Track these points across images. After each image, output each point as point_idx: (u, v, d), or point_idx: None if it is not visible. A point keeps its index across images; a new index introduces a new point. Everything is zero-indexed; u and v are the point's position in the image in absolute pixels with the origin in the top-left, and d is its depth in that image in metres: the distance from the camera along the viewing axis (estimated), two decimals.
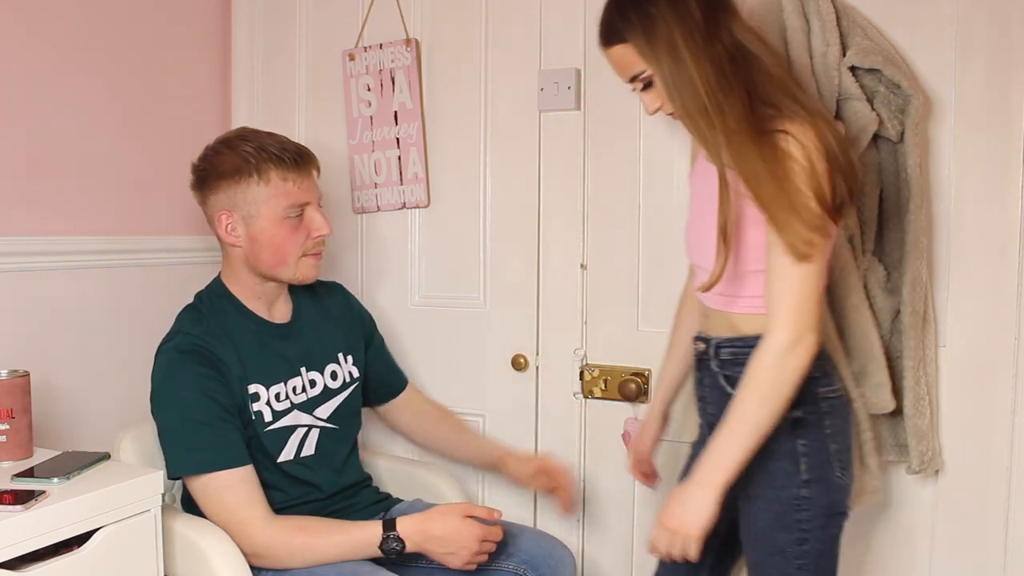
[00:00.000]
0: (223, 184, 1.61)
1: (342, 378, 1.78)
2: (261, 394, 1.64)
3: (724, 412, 1.34)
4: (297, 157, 1.62)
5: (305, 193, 1.63)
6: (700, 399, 1.47)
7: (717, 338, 1.41)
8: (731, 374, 1.38)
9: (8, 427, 1.50)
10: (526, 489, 1.94)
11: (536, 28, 1.93)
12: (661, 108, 1.37)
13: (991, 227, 1.58)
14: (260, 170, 1.58)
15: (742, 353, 1.35)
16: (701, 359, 1.45)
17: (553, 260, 1.95)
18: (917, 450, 1.56)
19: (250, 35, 2.27)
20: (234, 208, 1.61)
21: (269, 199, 1.59)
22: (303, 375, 1.71)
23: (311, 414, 1.71)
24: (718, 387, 1.41)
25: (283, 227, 1.61)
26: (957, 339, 1.62)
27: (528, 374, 1.99)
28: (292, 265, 1.64)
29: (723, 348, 1.41)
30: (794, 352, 1.25)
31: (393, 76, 2.07)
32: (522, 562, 1.64)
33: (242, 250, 1.64)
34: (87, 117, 1.93)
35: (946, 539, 1.65)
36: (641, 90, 1.37)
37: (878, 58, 1.51)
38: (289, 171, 1.60)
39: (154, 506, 1.47)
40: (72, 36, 1.89)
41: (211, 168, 1.63)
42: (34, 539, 1.29)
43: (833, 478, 1.35)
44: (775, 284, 1.28)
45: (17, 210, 1.79)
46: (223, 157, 1.61)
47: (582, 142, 1.90)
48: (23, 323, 1.79)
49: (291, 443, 1.66)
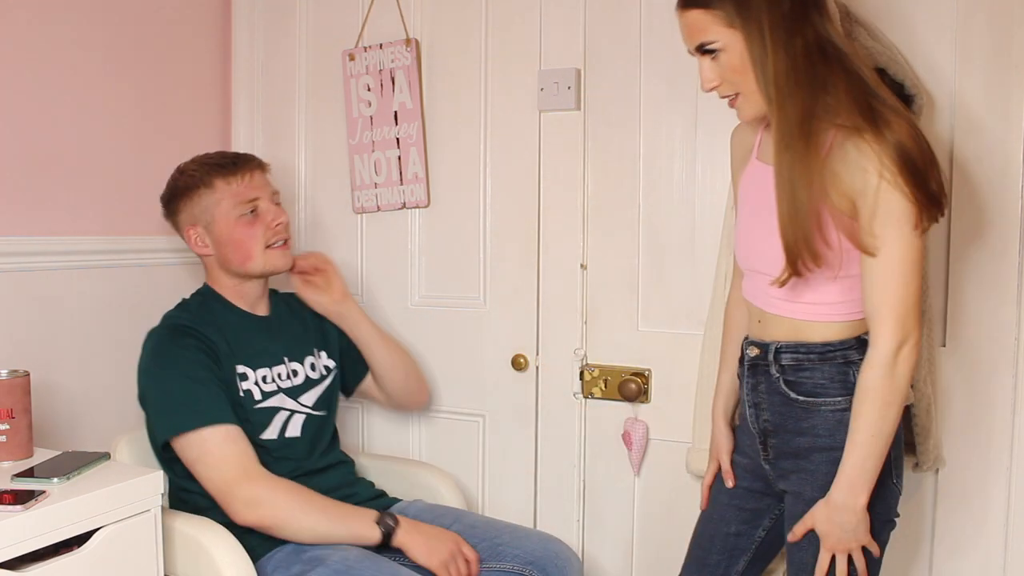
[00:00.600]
0: (181, 203, 1.76)
1: (320, 369, 1.86)
2: (249, 375, 1.72)
3: (783, 418, 1.36)
4: (235, 160, 1.77)
5: (251, 190, 1.74)
6: (753, 405, 1.42)
7: (776, 343, 1.37)
8: (793, 379, 1.36)
9: (8, 427, 1.50)
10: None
11: (536, 28, 1.93)
12: (718, 87, 1.33)
13: (991, 227, 1.58)
14: (204, 180, 1.73)
15: (806, 359, 1.34)
16: (756, 365, 1.41)
17: (553, 260, 1.95)
18: (921, 448, 1.56)
19: (250, 35, 2.27)
20: (196, 221, 1.75)
21: (219, 203, 1.73)
22: (286, 364, 1.80)
23: (296, 400, 1.78)
24: (778, 393, 1.37)
25: (239, 225, 1.73)
26: (957, 339, 1.62)
27: (528, 374, 1.99)
28: (259, 258, 1.75)
29: (784, 353, 1.36)
30: (901, 355, 1.25)
31: (393, 76, 2.07)
32: (528, 563, 1.66)
33: (213, 256, 1.77)
34: (87, 117, 1.93)
35: (946, 538, 1.65)
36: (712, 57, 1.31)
37: (882, 57, 1.51)
38: (230, 174, 1.74)
39: (154, 506, 1.47)
40: (72, 36, 1.89)
41: (170, 194, 1.79)
42: (34, 539, 1.29)
43: (890, 484, 1.34)
44: (872, 291, 1.26)
45: (17, 210, 1.79)
46: (178, 181, 1.78)
47: (582, 142, 1.90)
48: (23, 323, 1.79)
49: (276, 423, 1.73)
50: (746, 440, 1.48)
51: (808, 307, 1.34)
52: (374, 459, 2.07)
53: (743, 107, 1.34)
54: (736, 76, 1.30)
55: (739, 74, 1.30)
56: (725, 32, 1.28)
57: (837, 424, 1.32)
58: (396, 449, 2.15)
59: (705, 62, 1.32)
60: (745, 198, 1.43)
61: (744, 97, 1.32)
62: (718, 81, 1.33)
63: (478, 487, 2.07)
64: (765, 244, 1.33)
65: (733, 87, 1.32)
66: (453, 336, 2.08)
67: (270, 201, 1.77)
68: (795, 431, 1.36)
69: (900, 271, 1.24)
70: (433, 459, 2.12)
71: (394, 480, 1.98)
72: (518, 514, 2.00)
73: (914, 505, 1.68)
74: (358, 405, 2.21)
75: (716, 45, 1.30)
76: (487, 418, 2.05)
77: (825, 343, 1.33)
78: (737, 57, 1.29)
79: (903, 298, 1.24)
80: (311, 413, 1.80)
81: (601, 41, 1.87)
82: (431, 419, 2.13)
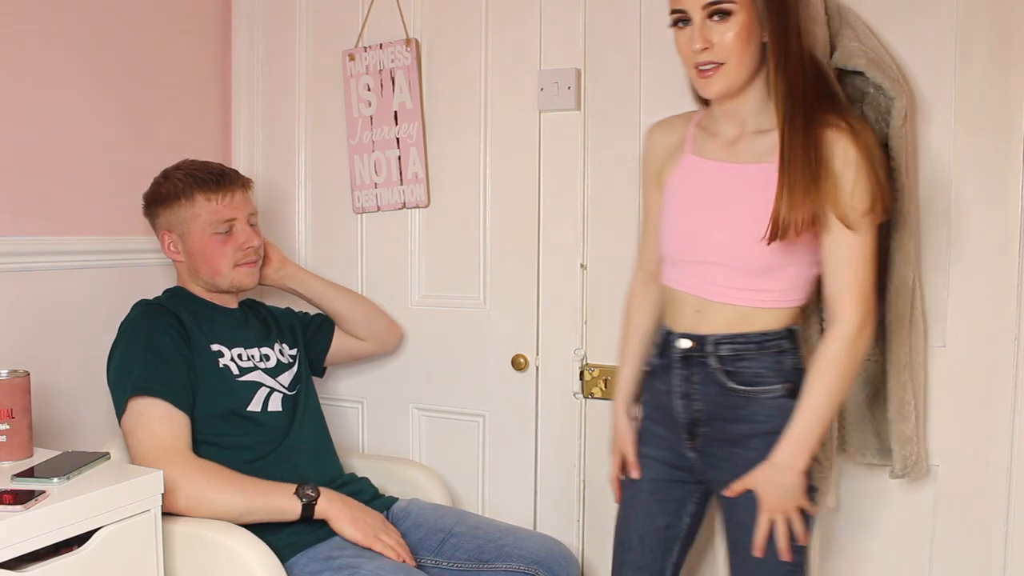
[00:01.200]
0: (161, 210, 1.80)
1: (287, 356, 1.90)
2: (224, 352, 1.76)
3: (718, 407, 1.42)
4: (220, 178, 1.79)
5: (230, 210, 1.78)
6: (684, 396, 1.46)
7: (714, 335, 1.42)
8: (732, 369, 1.41)
9: (8, 427, 1.50)
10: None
11: (536, 28, 1.93)
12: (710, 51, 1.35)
13: (991, 227, 1.58)
14: (187, 194, 1.76)
15: (744, 350, 1.40)
16: (690, 357, 1.45)
17: (553, 260, 1.95)
18: (900, 455, 1.56)
19: (250, 35, 2.27)
20: (171, 228, 1.79)
21: (197, 217, 1.76)
22: (259, 348, 1.84)
23: (275, 380, 1.82)
24: (715, 383, 1.43)
25: (212, 241, 1.77)
26: (957, 339, 1.62)
27: (528, 374, 1.99)
28: (227, 274, 1.80)
29: (722, 345, 1.42)
30: (864, 332, 1.36)
31: (393, 76, 2.07)
32: (534, 563, 1.66)
33: (184, 264, 1.82)
34: (87, 117, 1.93)
35: (946, 540, 1.65)
36: (718, 18, 1.34)
37: (861, 60, 1.49)
38: (212, 192, 1.77)
39: (154, 506, 1.47)
40: (72, 36, 1.89)
41: (152, 197, 1.82)
42: (34, 539, 1.29)
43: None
44: (839, 271, 1.35)
45: (17, 210, 1.80)
46: (161, 186, 1.80)
47: (582, 142, 1.90)
48: (23, 323, 1.79)
49: (258, 397, 1.76)
50: (660, 432, 1.52)
51: (759, 293, 1.40)
52: (362, 458, 2.07)
53: (719, 80, 1.37)
54: (737, 43, 1.34)
55: (741, 41, 1.34)
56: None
57: (776, 411, 1.40)
58: (396, 449, 2.15)
59: (709, 23, 1.35)
60: (684, 192, 1.47)
61: (726, 69, 1.36)
62: (714, 45, 1.35)
63: (478, 487, 2.07)
64: (723, 234, 1.39)
65: (724, 55, 1.35)
66: (453, 336, 2.08)
67: (246, 222, 1.81)
68: (731, 419, 1.42)
69: (866, 254, 1.35)
70: (433, 459, 2.12)
71: (380, 477, 1.96)
72: (518, 514, 2.00)
73: (913, 507, 1.68)
74: (357, 405, 2.21)
75: (733, 7, 1.33)
76: (487, 418, 2.05)
77: (763, 332, 1.40)
78: (745, 25, 1.34)
79: (867, 279, 1.35)
80: (287, 393, 1.82)
81: (601, 41, 1.87)
82: (431, 419, 2.13)
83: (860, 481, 1.71)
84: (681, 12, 1.37)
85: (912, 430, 1.57)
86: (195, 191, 1.76)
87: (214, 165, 1.82)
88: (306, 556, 1.60)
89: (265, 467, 1.69)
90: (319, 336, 2.02)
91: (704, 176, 1.44)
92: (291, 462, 1.73)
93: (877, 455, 1.61)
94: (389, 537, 1.65)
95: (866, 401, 1.61)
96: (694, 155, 1.47)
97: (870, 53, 1.52)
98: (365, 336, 2.03)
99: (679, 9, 1.37)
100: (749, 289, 1.40)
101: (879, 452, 1.61)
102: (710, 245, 1.42)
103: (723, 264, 1.40)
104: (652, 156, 1.57)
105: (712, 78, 1.37)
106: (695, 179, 1.46)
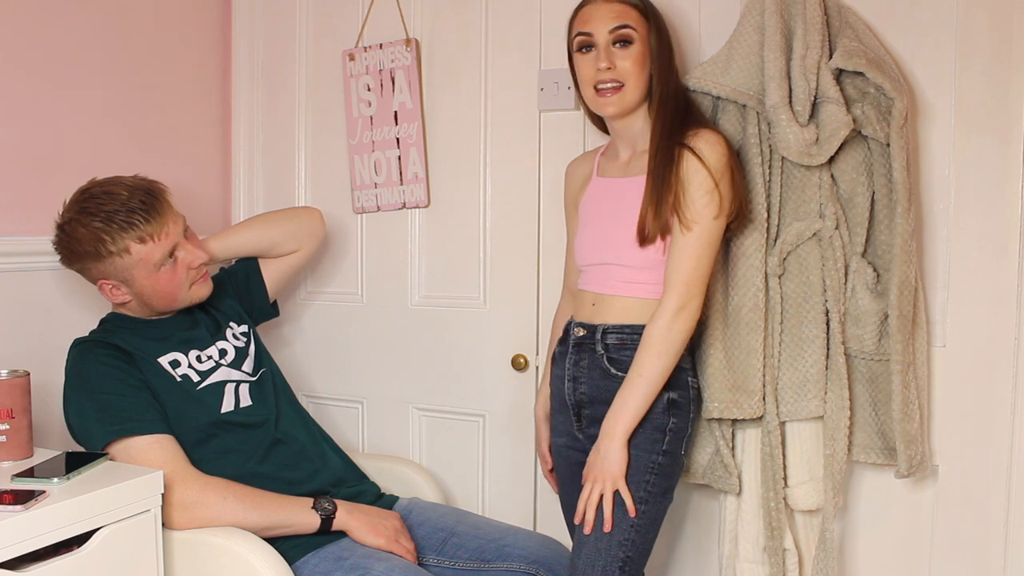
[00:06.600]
0: (89, 263, 1.62)
1: (240, 339, 1.84)
2: (181, 360, 1.70)
3: (599, 390, 1.56)
4: (145, 211, 1.60)
5: (168, 241, 1.63)
6: (572, 379, 1.61)
7: (604, 325, 1.57)
8: (615, 356, 1.56)
9: (8, 427, 1.50)
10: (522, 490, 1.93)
11: (536, 28, 1.93)
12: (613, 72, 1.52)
13: (991, 227, 1.58)
14: (116, 244, 1.58)
15: (629, 339, 1.55)
16: (582, 343, 1.60)
17: (553, 260, 1.95)
18: (905, 455, 1.55)
19: (250, 35, 2.27)
20: (109, 277, 1.63)
21: (137, 264, 1.61)
22: (215, 344, 1.77)
23: (239, 370, 1.77)
24: (599, 367, 1.57)
25: (161, 276, 1.64)
26: (957, 339, 1.62)
27: (528, 374, 1.99)
28: (184, 297, 1.71)
29: (610, 334, 1.57)
30: (681, 315, 1.49)
31: (393, 76, 2.07)
32: (534, 562, 1.66)
33: (133, 302, 1.69)
34: (87, 117, 1.93)
35: (946, 539, 1.65)
36: (620, 46, 1.52)
37: (862, 60, 1.50)
38: (143, 231, 1.59)
39: (154, 506, 1.47)
40: (72, 36, 1.89)
41: (71, 251, 1.63)
42: (34, 539, 1.29)
43: (679, 456, 1.55)
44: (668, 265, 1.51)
45: (17, 210, 1.80)
46: (77, 236, 1.60)
47: (582, 142, 1.90)
48: (23, 323, 1.79)
49: (227, 395, 1.71)
50: (560, 419, 1.66)
51: (646, 286, 1.55)
52: (361, 457, 2.06)
53: (617, 101, 1.54)
54: (635, 67, 1.53)
55: (638, 65, 1.53)
56: (642, 23, 1.53)
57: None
58: (395, 449, 2.15)
59: (612, 49, 1.53)
60: (591, 209, 1.64)
61: (624, 91, 1.54)
62: (617, 67, 1.52)
63: (478, 487, 2.07)
64: (615, 232, 1.56)
65: (624, 77, 1.53)
66: (453, 336, 2.08)
67: (184, 242, 1.67)
68: (607, 401, 1.53)
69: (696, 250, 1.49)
70: (433, 459, 2.12)
71: (378, 477, 1.95)
72: (518, 514, 2.00)
73: (913, 507, 1.68)
74: (357, 405, 2.21)
75: (633, 34, 1.52)
76: (487, 418, 2.05)
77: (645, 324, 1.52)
78: (642, 54, 1.53)
79: (694, 271, 1.49)
80: (252, 380, 1.77)
81: None
82: (431, 419, 2.13)
83: (860, 481, 1.71)
84: (587, 35, 1.54)
85: (917, 430, 1.57)
86: (125, 240, 1.58)
87: (129, 195, 1.61)
88: (316, 556, 1.60)
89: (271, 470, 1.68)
90: (250, 284, 1.92)
91: (606, 192, 1.63)
92: (290, 457, 1.72)
93: (882, 455, 1.61)
94: (408, 540, 1.67)
95: (870, 401, 1.61)
96: (600, 177, 1.66)
97: (870, 53, 1.52)
98: (294, 247, 1.95)
99: (586, 32, 1.54)
100: (637, 282, 1.55)
101: (883, 451, 1.61)
102: (606, 248, 1.58)
103: (616, 263, 1.57)
104: (569, 186, 1.77)
105: (610, 98, 1.54)
106: (600, 197, 1.64)
